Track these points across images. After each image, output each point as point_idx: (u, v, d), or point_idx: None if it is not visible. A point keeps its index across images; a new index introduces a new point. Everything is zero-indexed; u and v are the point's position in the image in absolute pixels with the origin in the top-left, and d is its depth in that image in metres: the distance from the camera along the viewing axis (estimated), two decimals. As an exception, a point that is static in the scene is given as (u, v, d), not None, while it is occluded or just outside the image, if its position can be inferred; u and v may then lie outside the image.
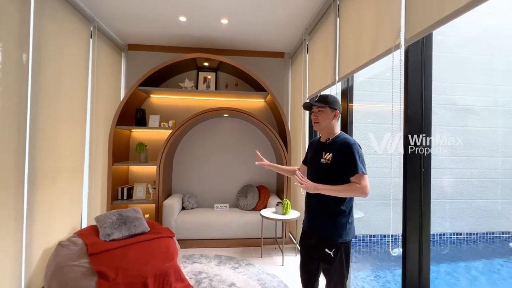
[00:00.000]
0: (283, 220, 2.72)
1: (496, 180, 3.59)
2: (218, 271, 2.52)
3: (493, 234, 3.80)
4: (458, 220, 3.72)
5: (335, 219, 1.42)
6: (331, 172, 1.42)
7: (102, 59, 2.94)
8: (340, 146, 1.40)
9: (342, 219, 1.42)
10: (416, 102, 1.32)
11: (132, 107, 3.30)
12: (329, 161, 1.43)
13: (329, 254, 1.43)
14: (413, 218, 1.36)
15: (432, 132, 1.33)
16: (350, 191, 1.35)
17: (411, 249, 1.36)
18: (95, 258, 2.01)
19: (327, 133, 1.51)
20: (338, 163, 1.40)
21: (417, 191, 1.34)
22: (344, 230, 1.42)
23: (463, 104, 3.74)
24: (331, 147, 1.46)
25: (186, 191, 3.57)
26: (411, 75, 1.32)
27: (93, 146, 2.76)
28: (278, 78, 3.74)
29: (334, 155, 1.41)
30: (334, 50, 2.18)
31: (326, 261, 1.46)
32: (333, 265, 1.43)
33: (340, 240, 1.41)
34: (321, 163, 1.47)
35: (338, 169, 1.40)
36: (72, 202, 2.51)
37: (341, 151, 1.39)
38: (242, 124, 3.69)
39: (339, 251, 1.41)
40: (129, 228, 2.42)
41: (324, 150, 1.49)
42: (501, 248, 3.71)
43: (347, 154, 1.37)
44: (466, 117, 3.71)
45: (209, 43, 3.42)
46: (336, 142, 1.45)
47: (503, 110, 3.59)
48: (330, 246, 1.43)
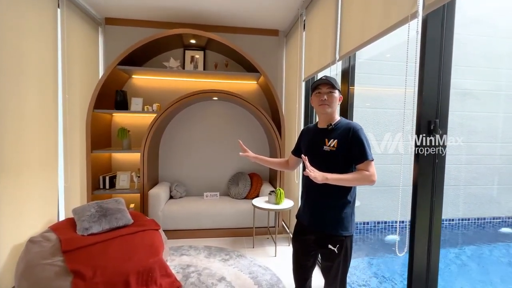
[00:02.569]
0: (276, 210, 2.59)
1: (492, 166, 3.53)
2: (208, 264, 2.39)
3: (484, 219, 3.80)
4: (452, 206, 3.69)
5: (341, 211, 1.32)
6: (337, 160, 1.31)
7: (74, 34, 2.61)
8: (346, 132, 1.30)
9: (348, 210, 1.33)
10: (432, 82, 1.14)
11: (111, 89, 3.00)
12: (334, 148, 1.31)
13: (333, 251, 1.32)
14: (424, 204, 1.22)
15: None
16: (360, 179, 1.24)
17: (421, 235, 1.23)
18: (70, 255, 1.83)
19: (329, 118, 1.38)
20: (344, 150, 1.29)
21: (429, 177, 1.19)
22: (350, 222, 1.33)
23: (462, 88, 3.59)
24: (335, 133, 1.34)
25: (173, 179, 3.38)
26: (429, 50, 1.12)
27: (67, 133, 2.50)
28: (271, 58, 3.48)
29: (340, 142, 1.30)
30: (335, 24, 1.94)
31: (328, 258, 1.35)
32: (336, 262, 1.33)
33: (345, 234, 1.32)
34: (324, 151, 1.34)
35: (344, 156, 1.29)
36: (46, 194, 2.28)
37: (347, 137, 1.28)
38: (233, 107, 3.46)
39: (343, 246, 1.31)
40: (110, 221, 2.23)
41: (326, 137, 1.36)
42: (492, 234, 3.72)
43: (354, 140, 1.27)
44: (465, 101, 3.58)
45: (197, 18, 3.10)
46: (339, 128, 1.34)
47: (505, 94, 3.46)
48: (334, 242, 1.32)
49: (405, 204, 3.65)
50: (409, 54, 1.14)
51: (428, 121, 1.16)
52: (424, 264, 1.25)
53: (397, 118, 3.63)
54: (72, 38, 2.55)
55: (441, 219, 1.23)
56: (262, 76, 3.07)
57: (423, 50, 1.13)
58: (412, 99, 1.15)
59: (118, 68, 2.85)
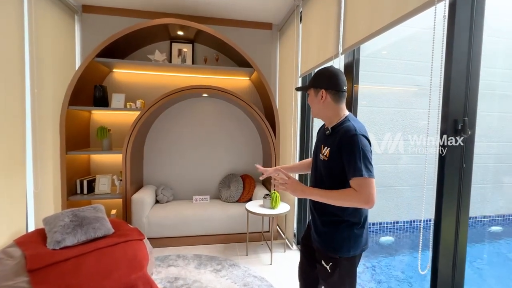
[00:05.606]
0: (272, 215, 2.41)
1: (487, 165, 3.52)
2: (198, 276, 2.19)
3: (475, 218, 3.79)
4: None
5: (336, 230, 1.09)
6: (329, 173, 1.09)
7: (45, 22, 2.32)
8: (339, 139, 1.05)
9: (349, 231, 1.08)
10: (460, 76, 0.99)
11: (90, 84, 2.73)
12: (326, 158, 1.09)
13: (325, 268, 1.13)
14: (450, 202, 1.07)
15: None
16: (345, 199, 0.99)
17: (447, 234, 1.08)
18: (37, 275, 1.58)
19: (328, 120, 1.17)
20: (335, 161, 1.05)
21: (456, 177, 1.04)
22: (349, 243, 1.08)
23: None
24: (330, 139, 1.11)
25: (160, 183, 3.13)
26: (457, 37, 0.97)
27: (36, 132, 2.22)
28: (264, 54, 3.29)
29: (332, 150, 1.07)
30: (338, 14, 1.78)
31: (322, 276, 1.18)
32: (329, 282, 1.14)
33: (339, 255, 1.09)
34: (320, 159, 1.15)
35: (336, 169, 1.06)
36: (12, 202, 2.00)
37: (339, 145, 1.04)
38: (224, 105, 3.25)
39: (338, 266, 1.09)
40: (86, 231, 1.98)
41: (323, 142, 1.16)
42: (481, 232, 3.72)
43: (343, 149, 1.02)
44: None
45: (184, 8, 2.87)
46: (336, 133, 1.10)
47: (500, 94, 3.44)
48: (326, 260, 1.12)
49: (400, 204, 3.44)
50: (432, 43, 0.98)
51: (454, 119, 1.01)
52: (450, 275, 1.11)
53: (393, 117, 3.55)
54: (42, 26, 2.27)
55: (467, 225, 1.09)
56: (256, 72, 2.88)
57: (450, 38, 0.98)
58: (436, 96, 1.00)
59: (96, 60, 2.58)
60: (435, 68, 1.02)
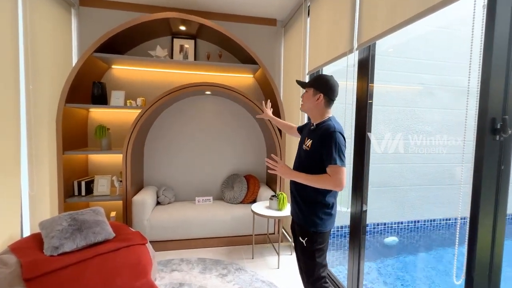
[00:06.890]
0: (279, 217, 2.33)
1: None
2: (203, 281, 2.10)
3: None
4: (447, 205, 3.61)
5: (313, 209, 1.36)
6: (310, 161, 1.36)
7: (40, 15, 2.19)
8: (320, 134, 1.33)
9: (322, 210, 1.35)
10: (499, 69, 0.91)
11: (88, 81, 2.61)
12: (308, 148, 1.37)
13: (302, 243, 1.40)
14: (487, 200, 1.00)
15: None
16: (321, 182, 1.27)
17: (484, 233, 1.02)
18: (34, 284, 1.47)
19: (313, 117, 1.43)
20: (316, 151, 1.33)
21: (494, 176, 0.98)
22: (322, 221, 1.35)
23: (463, 86, 3.50)
24: (313, 133, 1.39)
25: (161, 183, 3.03)
26: (498, 30, 0.90)
27: (31, 130, 2.10)
28: (268, 50, 3.20)
29: (313, 142, 1.35)
30: (353, 5, 1.69)
31: (299, 250, 1.44)
32: (304, 255, 1.41)
33: (313, 230, 1.35)
34: (303, 149, 1.43)
35: (316, 158, 1.33)
36: (6, 205, 1.88)
37: (320, 139, 1.32)
38: (227, 103, 3.15)
39: (312, 241, 1.36)
40: (86, 236, 1.87)
41: (307, 135, 1.44)
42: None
43: (323, 143, 1.29)
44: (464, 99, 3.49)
45: (186, 2, 2.76)
46: (319, 129, 1.37)
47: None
48: (303, 235, 1.39)
49: (402, 203, 3.34)
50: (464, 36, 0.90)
51: (492, 118, 0.94)
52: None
53: (397, 116, 3.49)
54: (37, 19, 2.14)
55: (505, 224, 1.02)
56: (261, 69, 2.79)
57: (490, 30, 0.91)
58: (474, 94, 0.92)
59: (95, 55, 2.46)
60: (465, 64, 0.96)
